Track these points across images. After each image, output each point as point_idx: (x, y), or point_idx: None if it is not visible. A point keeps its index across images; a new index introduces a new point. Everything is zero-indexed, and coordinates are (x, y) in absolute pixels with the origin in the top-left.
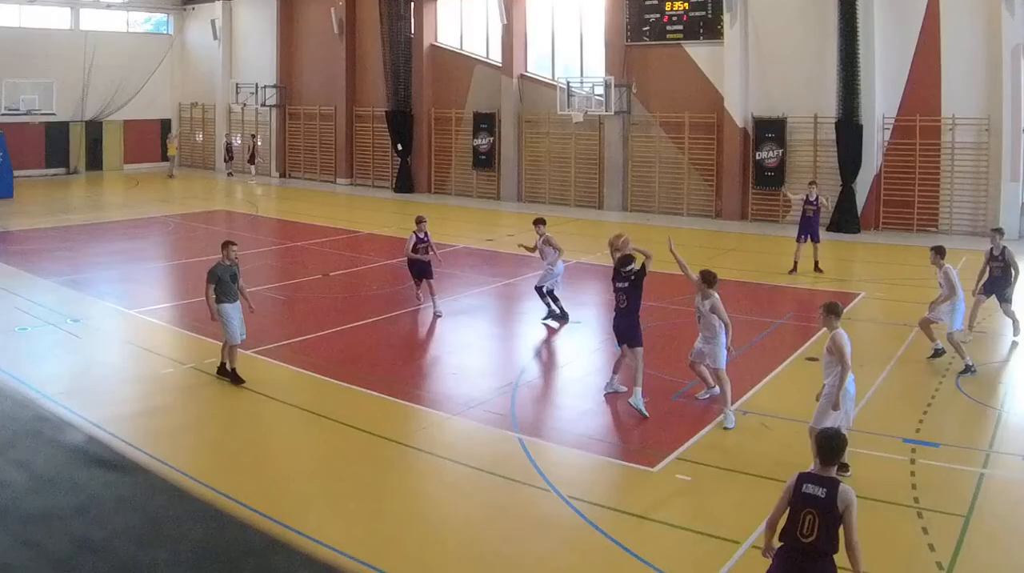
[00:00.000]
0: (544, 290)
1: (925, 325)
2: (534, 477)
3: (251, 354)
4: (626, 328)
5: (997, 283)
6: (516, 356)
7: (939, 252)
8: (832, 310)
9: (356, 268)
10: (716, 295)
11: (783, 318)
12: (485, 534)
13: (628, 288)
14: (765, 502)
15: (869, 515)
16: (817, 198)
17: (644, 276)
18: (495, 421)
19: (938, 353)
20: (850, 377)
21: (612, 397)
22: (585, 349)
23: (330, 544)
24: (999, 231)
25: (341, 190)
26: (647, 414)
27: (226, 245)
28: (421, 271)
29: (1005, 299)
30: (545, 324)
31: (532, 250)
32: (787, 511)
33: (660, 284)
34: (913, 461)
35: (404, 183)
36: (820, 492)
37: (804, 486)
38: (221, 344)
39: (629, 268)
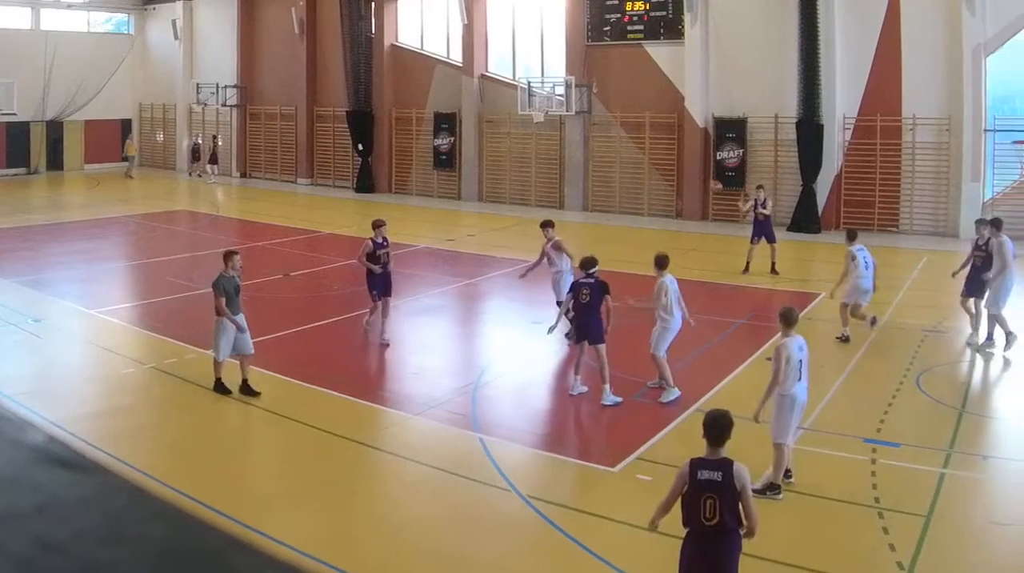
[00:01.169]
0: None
1: (843, 310)
2: (494, 477)
3: (211, 354)
4: (590, 324)
5: (977, 273)
6: (477, 356)
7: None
8: (782, 317)
9: (317, 268)
10: (661, 279)
11: (743, 319)
12: (446, 534)
13: (593, 284)
14: None
15: (830, 515)
16: (765, 201)
17: (607, 286)
18: (456, 421)
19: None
20: (800, 386)
21: (582, 399)
22: (546, 349)
23: (291, 544)
24: (983, 222)
25: (302, 190)
26: (620, 400)
27: (229, 255)
28: (385, 287)
29: (981, 295)
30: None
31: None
32: (685, 496)
33: (620, 284)
34: (874, 461)
35: (365, 183)
36: (716, 476)
37: (699, 473)
38: (238, 364)
39: (595, 269)
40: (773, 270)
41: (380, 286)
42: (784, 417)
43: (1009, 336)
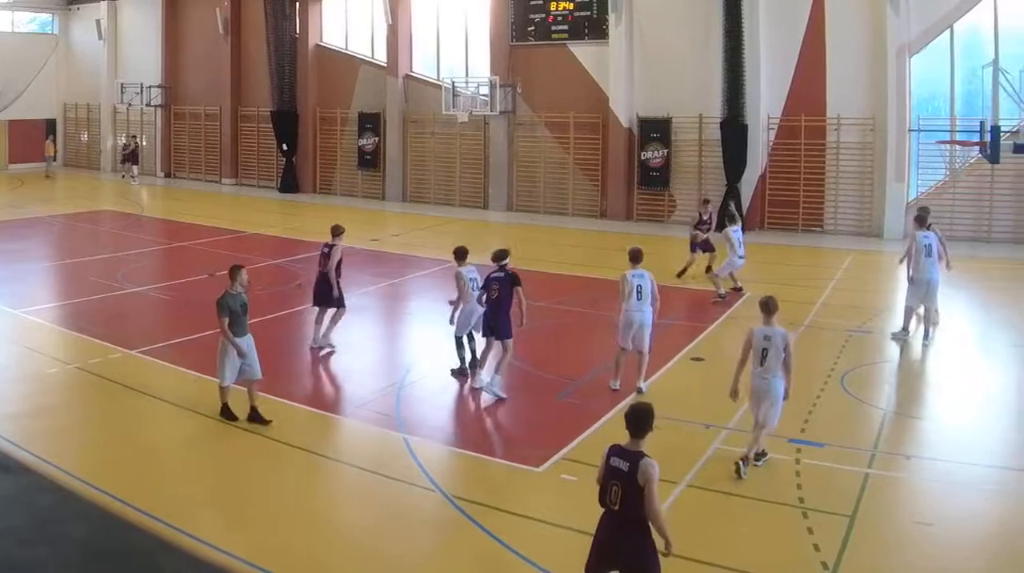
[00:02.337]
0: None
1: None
2: (419, 477)
3: (136, 354)
4: (498, 320)
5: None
6: (402, 356)
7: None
8: (760, 305)
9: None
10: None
11: (670, 319)
12: (371, 534)
13: (503, 278)
14: None
15: (754, 514)
16: (711, 216)
17: (517, 276)
18: (380, 421)
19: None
20: (756, 370)
21: (507, 399)
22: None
23: (216, 545)
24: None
25: (226, 190)
26: (504, 396)
27: (235, 271)
28: (341, 299)
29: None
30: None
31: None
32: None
33: (545, 284)
34: (798, 461)
35: (289, 183)
36: (624, 465)
37: (611, 459)
38: (247, 390)
39: (505, 262)
40: (708, 270)
41: (336, 299)
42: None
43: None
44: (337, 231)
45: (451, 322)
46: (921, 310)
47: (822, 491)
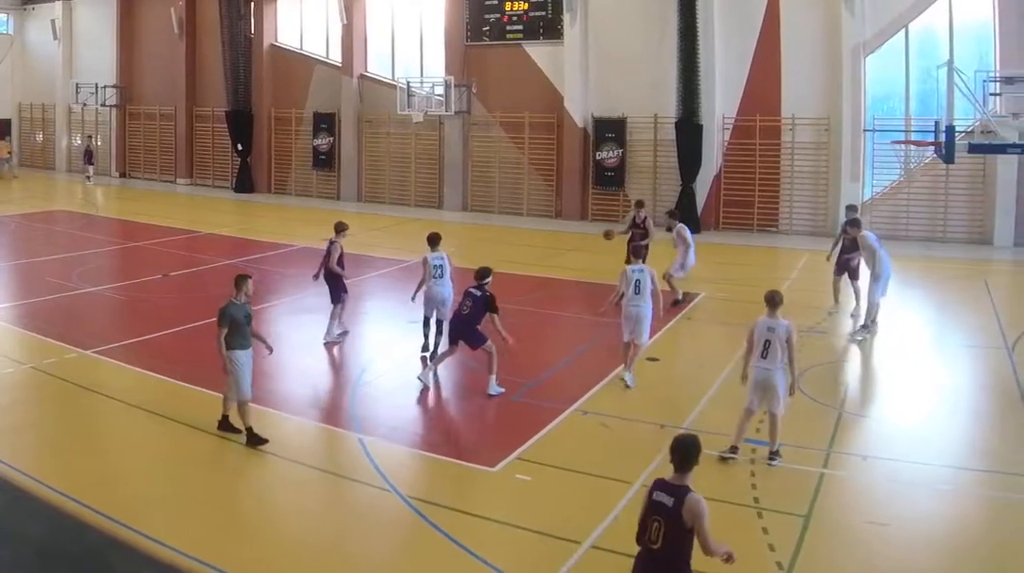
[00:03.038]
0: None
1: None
2: (374, 477)
3: (91, 354)
4: (465, 333)
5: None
6: (357, 356)
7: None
8: (765, 298)
9: (196, 268)
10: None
11: (622, 318)
12: (326, 534)
13: (478, 298)
14: (604, 502)
15: (710, 514)
16: (645, 219)
17: (494, 300)
18: (336, 421)
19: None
20: (759, 363)
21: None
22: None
23: (170, 544)
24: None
25: (181, 190)
26: (504, 390)
27: (241, 280)
28: (344, 288)
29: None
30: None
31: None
32: (641, 513)
33: (500, 284)
34: (753, 461)
35: (244, 183)
36: (668, 501)
37: (655, 493)
38: (223, 397)
39: (487, 281)
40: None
41: (340, 287)
42: (749, 386)
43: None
44: (339, 228)
45: (412, 299)
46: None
47: (777, 491)
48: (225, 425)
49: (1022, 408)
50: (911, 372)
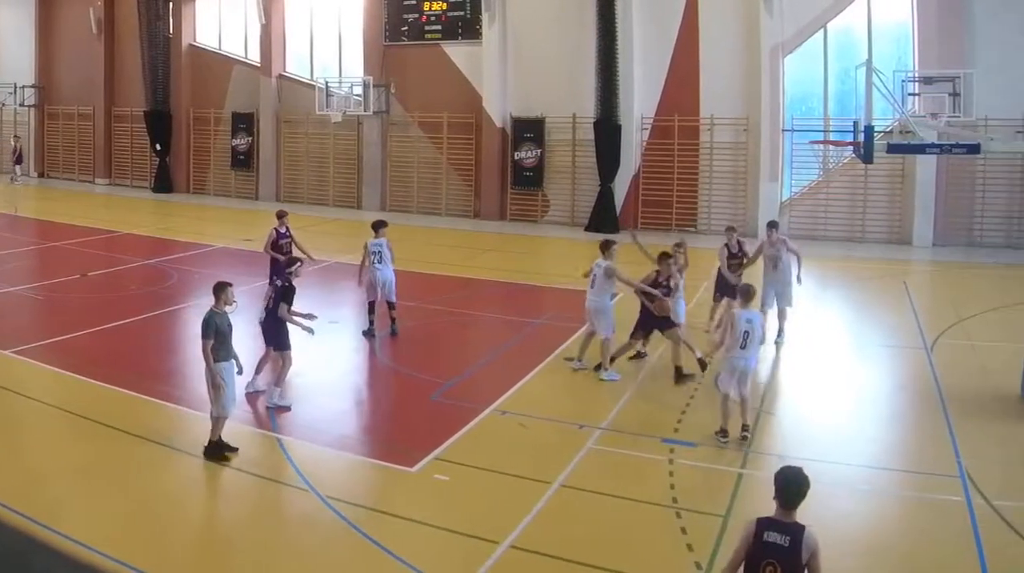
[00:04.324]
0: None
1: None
2: (293, 477)
3: (8, 354)
4: (272, 329)
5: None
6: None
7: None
8: (739, 291)
9: (115, 268)
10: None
11: (541, 318)
12: (243, 534)
13: (277, 288)
14: (523, 501)
15: (628, 515)
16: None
17: (290, 293)
18: (254, 421)
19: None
20: (741, 353)
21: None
22: (343, 349)
23: (89, 544)
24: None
25: (100, 190)
26: (290, 405)
27: (221, 288)
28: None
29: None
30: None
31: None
32: (747, 556)
33: (419, 284)
34: (671, 461)
35: (163, 183)
36: (783, 540)
37: (766, 534)
38: (213, 417)
39: (291, 270)
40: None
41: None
42: (726, 374)
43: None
44: (279, 214)
45: (358, 284)
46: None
47: (695, 491)
48: (218, 449)
49: (940, 408)
50: (830, 372)
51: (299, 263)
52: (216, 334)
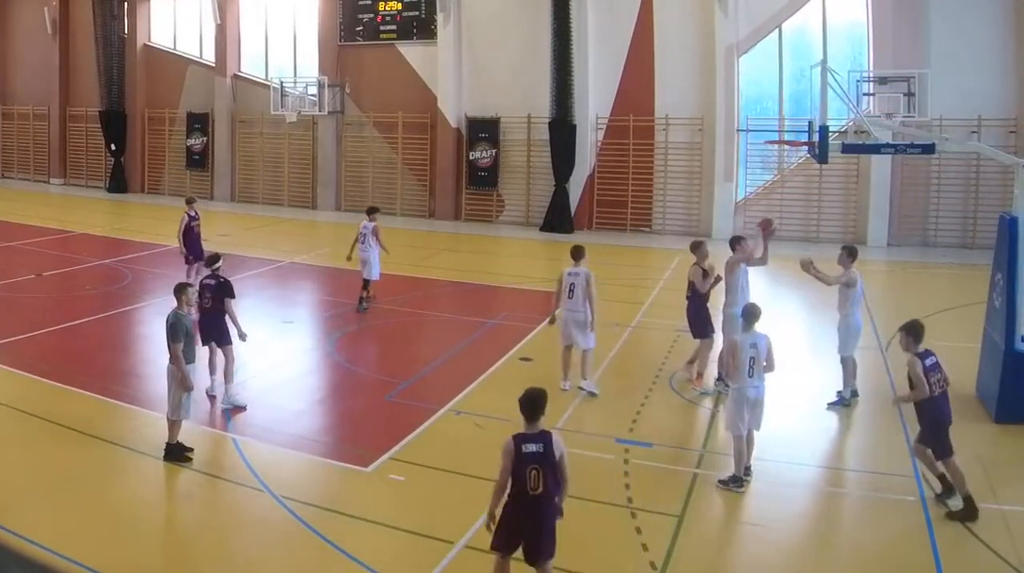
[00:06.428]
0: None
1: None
2: (247, 477)
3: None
4: (213, 329)
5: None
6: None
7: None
8: (743, 313)
9: (69, 268)
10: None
11: (497, 318)
12: (198, 534)
13: (214, 286)
14: (478, 501)
15: (582, 515)
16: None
17: (230, 289)
18: (209, 421)
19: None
20: (749, 382)
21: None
22: (298, 349)
23: (41, 542)
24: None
25: (55, 190)
26: (245, 405)
27: (182, 289)
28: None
29: None
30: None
31: None
32: (511, 472)
33: (379, 285)
34: (627, 461)
35: (118, 183)
36: (538, 447)
37: (523, 446)
38: (169, 420)
39: (217, 265)
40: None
41: (195, 251)
42: (734, 409)
43: None
44: (188, 200)
45: (347, 259)
46: None
47: (651, 491)
48: (178, 451)
49: (895, 408)
50: (785, 373)
51: (221, 258)
52: (185, 336)
